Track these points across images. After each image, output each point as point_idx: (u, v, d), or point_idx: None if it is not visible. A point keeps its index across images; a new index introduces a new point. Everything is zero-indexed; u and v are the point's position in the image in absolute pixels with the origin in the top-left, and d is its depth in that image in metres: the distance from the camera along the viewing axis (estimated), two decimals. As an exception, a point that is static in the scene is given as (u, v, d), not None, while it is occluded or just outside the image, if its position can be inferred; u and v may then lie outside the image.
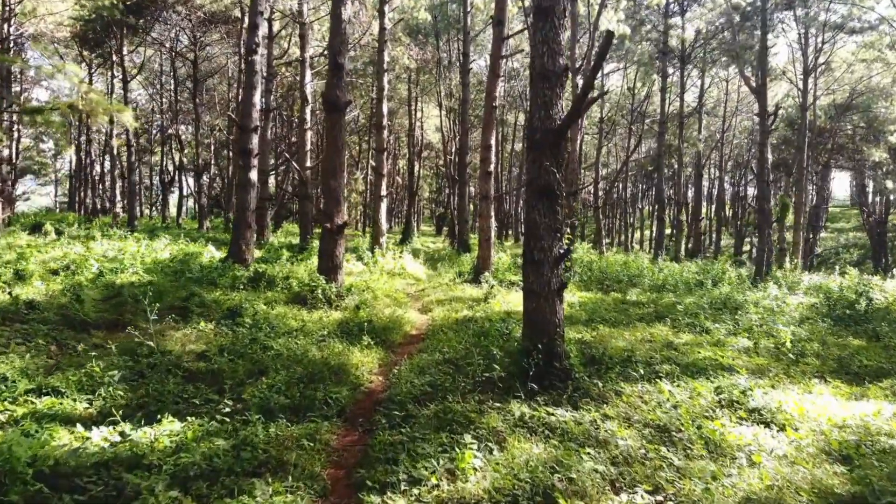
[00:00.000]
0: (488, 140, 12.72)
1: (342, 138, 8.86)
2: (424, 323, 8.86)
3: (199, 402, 4.43)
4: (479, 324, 8.09)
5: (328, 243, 8.91)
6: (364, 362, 6.15)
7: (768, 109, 19.29)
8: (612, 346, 7.25)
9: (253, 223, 12.70)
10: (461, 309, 9.65)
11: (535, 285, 5.19)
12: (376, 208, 16.51)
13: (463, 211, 20.67)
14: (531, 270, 5.22)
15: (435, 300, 10.76)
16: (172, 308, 7.95)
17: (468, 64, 21.15)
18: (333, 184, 8.88)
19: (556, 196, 5.19)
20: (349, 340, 6.84)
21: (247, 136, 12.44)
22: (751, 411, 5.04)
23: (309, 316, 7.93)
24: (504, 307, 9.89)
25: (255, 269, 9.84)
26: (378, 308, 8.91)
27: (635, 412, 4.79)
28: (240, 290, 9.50)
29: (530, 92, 5.35)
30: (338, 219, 8.92)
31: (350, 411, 4.75)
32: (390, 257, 16.11)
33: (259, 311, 7.72)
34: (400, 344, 7.29)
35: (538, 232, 5.17)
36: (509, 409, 4.55)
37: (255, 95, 12.58)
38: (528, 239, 5.25)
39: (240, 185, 12.62)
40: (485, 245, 13.08)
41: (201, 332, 6.76)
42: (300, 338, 6.68)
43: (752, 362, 7.18)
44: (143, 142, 42.18)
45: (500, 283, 12.52)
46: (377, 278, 12.77)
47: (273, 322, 7.26)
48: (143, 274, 10.15)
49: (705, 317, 9.51)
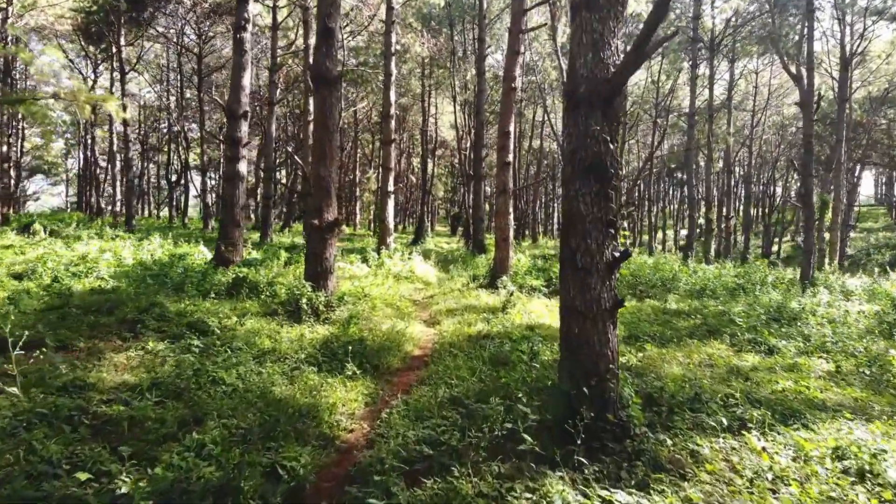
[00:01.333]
0: (506, 126, 11.18)
1: (334, 117, 7.42)
2: (430, 339, 7.35)
3: (81, 481, 2.96)
4: (496, 343, 6.56)
5: (316, 244, 7.46)
6: (346, 401, 4.65)
7: (803, 99, 17.52)
8: (668, 375, 5.68)
9: (242, 221, 11.34)
10: (475, 321, 8.13)
11: (579, 302, 3.64)
12: (383, 205, 15.05)
13: (478, 208, 19.10)
14: (573, 281, 3.68)
15: (445, 309, 9.25)
16: (124, 322, 6.56)
17: (484, 51, 19.60)
18: (323, 172, 7.43)
19: (608, 176, 3.64)
20: (331, 367, 5.36)
21: (235, 123, 11.07)
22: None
23: (288, 332, 6.47)
24: (525, 319, 8.35)
25: (236, 273, 8.43)
26: (375, 321, 7.43)
27: (730, 496, 3.22)
28: (214, 298, 8.12)
29: (571, 29, 3.80)
30: (328, 214, 7.46)
31: (309, 491, 3.25)
32: (398, 259, 14.64)
33: (227, 327, 6.29)
34: (398, 370, 5.78)
35: (583, 227, 3.62)
36: (545, 491, 3.02)
37: (244, 77, 11.21)
38: (568, 237, 3.71)
39: (226, 178, 11.26)
40: (502, 245, 11.54)
41: (146, 356, 5.34)
42: (268, 364, 5.22)
43: (846, 395, 5.57)
44: (153, 141, 41.43)
45: (520, 288, 10.97)
46: (380, 283, 11.31)
47: (240, 341, 5.82)
48: (108, 279, 8.82)
49: (768, 332, 7.89)
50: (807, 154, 16.82)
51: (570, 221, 3.69)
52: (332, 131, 7.42)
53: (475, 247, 19.30)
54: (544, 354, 6.12)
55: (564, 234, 3.72)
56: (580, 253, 3.64)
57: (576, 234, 3.65)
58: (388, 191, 14.86)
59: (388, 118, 15.00)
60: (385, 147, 15.07)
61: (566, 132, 3.74)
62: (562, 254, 3.79)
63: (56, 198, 48.64)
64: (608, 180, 3.63)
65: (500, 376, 4.77)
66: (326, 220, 7.43)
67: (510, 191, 11.41)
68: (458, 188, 40.49)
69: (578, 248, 3.64)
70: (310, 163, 7.34)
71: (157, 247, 14.01)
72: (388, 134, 15.08)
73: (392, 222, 15.55)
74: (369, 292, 8.89)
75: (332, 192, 7.50)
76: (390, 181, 14.95)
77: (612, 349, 3.73)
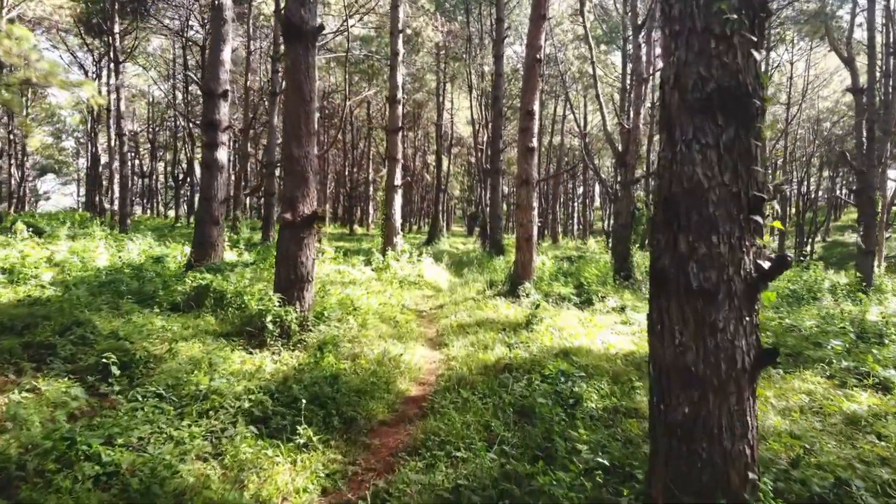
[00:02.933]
0: (530, 104, 9.41)
1: (310, 82, 5.77)
2: (434, 369, 5.64)
3: None
4: (520, 378, 4.83)
5: (288, 244, 5.80)
6: (288, 492, 2.96)
7: (855, 86, 15.51)
8: (768, 430, 3.92)
9: (221, 217, 9.77)
10: (492, 342, 6.40)
11: (692, 356, 1.91)
12: (389, 201, 13.37)
13: (496, 206, 17.35)
14: (678, 315, 1.94)
15: (455, 324, 7.53)
16: (31, 346, 4.98)
17: (502, 32, 17.84)
18: (297, 151, 5.77)
19: (750, 110, 1.90)
20: (283, 423, 3.68)
21: (213, 104, 9.50)
22: None
23: (241, 363, 4.81)
24: (556, 339, 6.59)
25: (196, 281, 6.82)
26: (363, 344, 5.74)
27: None
28: (170, 312, 6.53)
29: None
30: (303, 206, 5.80)
31: None
32: (405, 261, 12.96)
33: (156, 356, 4.67)
34: (382, 425, 4.06)
35: (702, 209, 1.89)
36: None
37: (224, 50, 9.64)
38: (669, 231, 1.98)
39: (204, 168, 9.71)
40: (524, 246, 9.78)
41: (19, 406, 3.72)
42: (191, 417, 3.57)
43: None
44: (161, 139, 40.50)
45: (546, 297, 9.21)
46: (381, 290, 9.64)
47: (167, 378, 4.18)
48: (48, 287, 7.30)
49: (872, 357, 6.04)
50: (869, 143, 14.73)
51: (675, 201, 1.94)
52: (309, 100, 5.77)
53: (493, 247, 17.56)
54: (589, 400, 4.37)
55: (662, 227, 1.98)
56: (695, 261, 1.90)
57: (688, 225, 1.90)
58: (394, 185, 13.18)
59: (394, 103, 13.32)
60: (391, 136, 13.39)
61: (668, 36, 2.00)
62: (655, 264, 2.04)
63: (68, 198, 48.17)
64: (751, 119, 1.89)
65: (531, 473, 2.98)
66: (302, 214, 5.77)
67: (534, 181, 9.64)
68: (474, 187, 38.75)
69: (693, 253, 1.90)
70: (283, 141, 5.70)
71: (136, 248, 12.56)
72: (395, 121, 13.39)
73: (399, 220, 13.88)
74: (361, 304, 7.21)
75: (309, 177, 5.84)
76: (397, 174, 13.28)
77: (751, 443, 1.98)
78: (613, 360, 5.79)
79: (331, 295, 7.60)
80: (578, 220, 53.08)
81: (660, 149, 2.06)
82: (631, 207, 12.73)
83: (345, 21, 18.30)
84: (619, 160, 13.01)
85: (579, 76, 31.66)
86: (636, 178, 13.02)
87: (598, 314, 8.52)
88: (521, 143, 9.50)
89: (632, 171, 12.80)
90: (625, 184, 12.69)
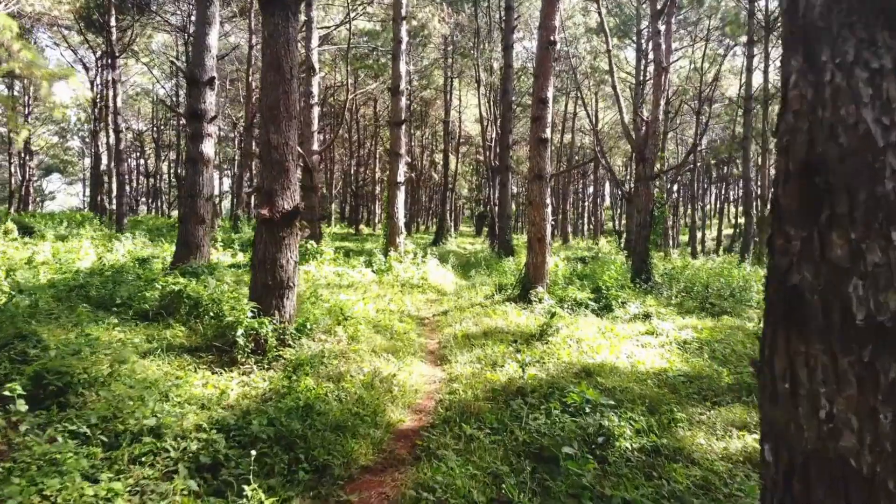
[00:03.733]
0: (543, 92, 8.58)
1: (291, 57, 4.98)
2: (434, 391, 4.82)
3: None
4: (537, 410, 4.00)
5: (266, 245, 5.01)
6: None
7: None
8: None
9: (208, 216, 9.04)
10: (502, 357, 5.59)
11: (855, 442, 1.10)
12: (391, 199, 12.58)
13: (505, 204, 16.52)
14: (827, 363, 1.13)
15: (460, 334, 6.71)
16: (-42, 365, 4.24)
17: (512, 21, 17.02)
18: (275, 138, 4.98)
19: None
20: (233, 475, 2.88)
21: (198, 92, 8.77)
22: None
23: (202, 387, 4.03)
24: (575, 353, 5.76)
25: (169, 286, 6.06)
26: (352, 361, 4.94)
27: None
28: (138, 321, 5.78)
29: None
30: (283, 200, 5.01)
31: None
32: (409, 263, 12.17)
33: (96, 379, 3.89)
34: (364, 472, 3.23)
35: (874, 183, 1.08)
36: None
37: (210, 34, 8.90)
38: (806, 218, 1.17)
39: (188, 162, 8.97)
40: (537, 247, 8.94)
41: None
42: (110, 473, 2.79)
43: None
44: (165, 139, 40.08)
45: (560, 302, 8.37)
46: (379, 294, 8.87)
47: (103, 410, 3.41)
48: (10, 293, 6.58)
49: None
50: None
51: (822, 170, 1.12)
52: (289, 77, 4.98)
53: (502, 248, 16.72)
54: (622, 437, 3.53)
55: (796, 217, 1.15)
56: (861, 277, 1.07)
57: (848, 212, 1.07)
58: (397, 181, 12.39)
59: (397, 94, 12.51)
60: (394, 129, 12.59)
61: None
62: (779, 280, 1.22)
63: (74, 198, 47.95)
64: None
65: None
66: (282, 209, 4.98)
67: (547, 176, 8.80)
68: (483, 186, 37.91)
69: (859, 262, 1.07)
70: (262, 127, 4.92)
71: (123, 249, 11.87)
72: (398, 113, 12.60)
73: (403, 219, 13.09)
74: (354, 312, 6.41)
75: (290, 167, 5.05)
76: (400, 170, 12.48)
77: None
78: (643, 381, 4.95)
79: (322, 301, 6.82)
80: (589, 219, 52.00)
81: (782, 80, 1.23)
82: (651, 205, 11.84)
83: (349, 13, 17.58)
84: (637, 154, 12.13)
85: (591, 72, 30.76)
86: (658, 171, 12.11)
87: (620, 322, 7.67)
88: (534, 134, 8.66)
89: (651, 165, 11.90)
90: (644, 179, 11.81)
